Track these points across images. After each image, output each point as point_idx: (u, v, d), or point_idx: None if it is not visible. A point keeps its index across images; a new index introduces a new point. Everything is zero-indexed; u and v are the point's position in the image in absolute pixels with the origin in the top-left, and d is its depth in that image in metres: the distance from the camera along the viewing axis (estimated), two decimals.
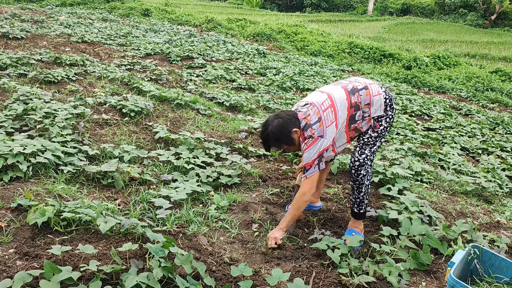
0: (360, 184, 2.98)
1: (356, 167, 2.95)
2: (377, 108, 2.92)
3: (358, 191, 3.01)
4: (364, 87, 2.92)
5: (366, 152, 2.96)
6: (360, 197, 3.02)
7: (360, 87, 2.92)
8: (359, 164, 2.94)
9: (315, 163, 2.79)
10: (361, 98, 2.89)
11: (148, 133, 4.62)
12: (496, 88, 11.93)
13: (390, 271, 2.60)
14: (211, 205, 3.32)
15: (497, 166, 5.53)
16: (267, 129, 2.85)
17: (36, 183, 3.14)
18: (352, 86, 2.93)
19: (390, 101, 2.97)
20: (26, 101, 4.51)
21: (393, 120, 3.03)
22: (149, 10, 17.50)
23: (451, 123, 7.70)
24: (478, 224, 3.65)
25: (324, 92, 2.93)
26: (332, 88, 2.96)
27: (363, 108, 2.91)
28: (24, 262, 2.28)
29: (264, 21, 19.20)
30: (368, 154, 2.95)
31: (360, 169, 2.94)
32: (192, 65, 8.92)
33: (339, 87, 2.95)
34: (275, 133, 2.83)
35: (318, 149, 2.77)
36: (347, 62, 13.37)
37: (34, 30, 9.45)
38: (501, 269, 2.41)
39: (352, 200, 3.08)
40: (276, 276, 2.37)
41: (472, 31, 28.71)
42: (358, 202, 3.04)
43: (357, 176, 2.96)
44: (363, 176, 2.95)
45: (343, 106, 2.85)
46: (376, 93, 2.93)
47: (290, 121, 2.84)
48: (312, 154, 2.78)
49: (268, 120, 2.91)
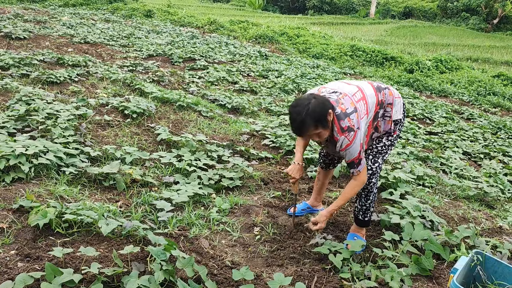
0: (369, 192, 2.96)
1: (369, 175, 2.89)
2: (397, 109, 2.91)
3: (366, 199, 2.98)
4: (387, 87, 2.92)
5: (379, 161, 2.93)
6: (367, 205, 3.00)
7: (383, 86, 2.92)
8: (371, 172, 2.90)
9: (362, 155, 2.68)
10: (385, 96, 2.87)
11: (150, 134, 4.62)
12: (498, 92, 11.92)
13: (392, 276, 2.59)
14: (213, 208, 3.31)
15: (499, 171, 5.52)
16: (308, 107, 2.50)
17: (38, 184, 3.14)
18: (377, 84, 2.92)
19: (405, 107, 2.97)
20: (29, 101, 4.51)
21: (402, 128, 3.03)
22: (152, 11, 17.52)
23: (453, 127, 7.69)
24: (480, 229, 3.63)
25: (352, 84, 2.82)
26: (359, 82, 2.90)
27: (386, 107, 2.88)
28: (25, 263, 2.27)
29: (267, 23, 19.23)
30: (380, 163, 2.94)
31: (372, 177, 2.91)
32: (194, 67, 8.93)
33: (366, 82, 2.91)
34: (317, 112, 2.50)
35: (359, 141, 2.63)
36: (349, 65, 13.37)
37: (37, 31, 9.46)
38: (504, 276, 2.39)
39: (358, 207, 3.04)
40: (278, 280, 2.36)
41: (474, 35, 28.73)
42: (364, 210, 3.02)
43: (368, 184, 2.91)
44: (373, 184, 2.93)
45: (373, 101, 2.78)
46: (397, 95, 2.93)
47: (326, 101, 2.58)
48: (356, 148, 2.63)
49: (302, 100, 2.57)
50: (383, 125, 2.91)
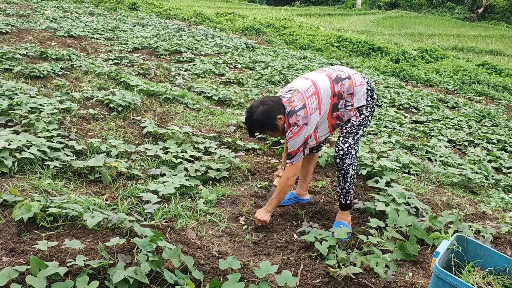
0: (346, 174, 2.99)
1: (341, 156, 2.97)
2: (359, 98, 2.96)
3: (344, 181, 3.02)
4: (347, 77, 2.95)
5: (349, 140, 2.98)
6: (346, 187, 3.04)
7: (343, 76, 2.95)
8: (343, 153, 2.96)
9: (300, 150, 2.84)
10: (344, 87, 2.92)
11: (136, 127, 4.60)
12: (483, 81, 12.06)
13: (377, 262, 2.62)
14: (200, 199, 3.31)
15: (483, 158, 5.60)
16: (252, 116, 2.84)
17: (22, 179, 3.11)
18: (336, 75, 2.95)
19: (371, 92, 3.00)
20: (11, 96, 4.45)
21: (374, 109, 3.06)
22: (137, 4, 17.33)
23: (438, 115, 7.77)
24: (464, 215, 3.69)
25: (309, 79, 2.94)
26: (316, 75, 2.97)
27: (346, 98, 2.94)
28: (10, 258, 2.26)
29: (253, 15, 19.15)
30: (352, 143, 2.97)
31: (344, 157, 2.96)
32: (181, 59, 8.87)
33: (324, 75, 2.96)
34: (261, 120, 2.82)
35: (303, 136, 2.81)
36: (336, 56, 13.40)
37: (20, 25, 9.30)
38: (485, 258, 2.44)
39: (339, 191, 3.09)
40: (264, 268, 2.38)
41: (460, 25, 28.96)
42: (345, 193, 3.06)
43: (342, 165, 2.98)
44: (348, 165, 2.97)
45: (326, 94, 2.88)
46: (359, 83, 2.96)
47: (275, 107, 2.83)
48: (298, 142, 2.81)
49: (252, 106, 2.88)
50: (346, 114, 2.99)
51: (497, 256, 2.41)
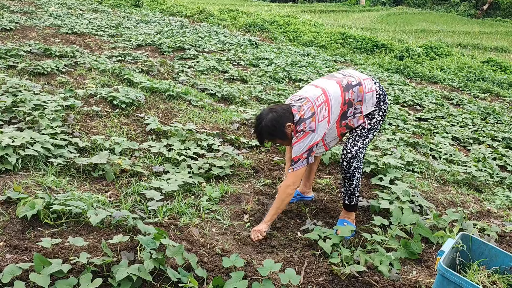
0: (352, 177, 2.97)
1: (348, 159, 2.93)
2: (368, 105, 2.92)
3: (349, 184, 3.00)
4: (358, 83, 2.91)
5: (359, 144, 2.94)
6: (351, 189, 3.02)
7: (354, 83, 2.90)
8: (351, 156, 2.93)
9: (304, 156, 2.79)
10: (354, 95, 2.88)
11: (139, 124, 4.59)
12: (488, 78, 11.99)
13: (381, 260, 2.61)
14: (203, 197, 3.31)
15: (487, 155, 5.57)
16: (261, 123, 2.81)
17: (26, 176, 3.11)
18: (346, 81, 2.91)
19: (383, 96, 2.97)
20: (15, 93, 4.45)
21: (386, 114, 3.03)
22: (140, 0, 17.30)
23: (442, 113, 7.73)
24: (469, 213, 3.67)
25: (319, 86, 2.89)
26: (327, 82, 2.92)
27: (356, 105, 2.91)
28: (14, 255, 2.26)
29: (257, 11, 19.09)
30: (361, 147, 2.94)
31: (352, 161, 2.93)
32: (184, 56, 8.86)
33: (334, 82, 2.91)
34: (270, 127, 2.79)
35: (308, 143, 2.77)
36: (340, 53, 13.35)
37: (24, 22, 9.32)
38: (490, 257, 2.43)
39: (343, 192, 3.07)
40: (268, 266, 2.37)
41: (464, 21, 28.77)
42: (349, 194, 3.04)
43: (348, 168, 2.95)
44: (354, 168, 2.95)
45: (337, 102, 2.84)
46: (369, 89, 2.92)
47: (284, 115, 2.79)
48: (302, 148, 2.77)
49: (262, 114, 2.86)
50: (355, 122, 2.96)
51: (503, 254, 2.40)
